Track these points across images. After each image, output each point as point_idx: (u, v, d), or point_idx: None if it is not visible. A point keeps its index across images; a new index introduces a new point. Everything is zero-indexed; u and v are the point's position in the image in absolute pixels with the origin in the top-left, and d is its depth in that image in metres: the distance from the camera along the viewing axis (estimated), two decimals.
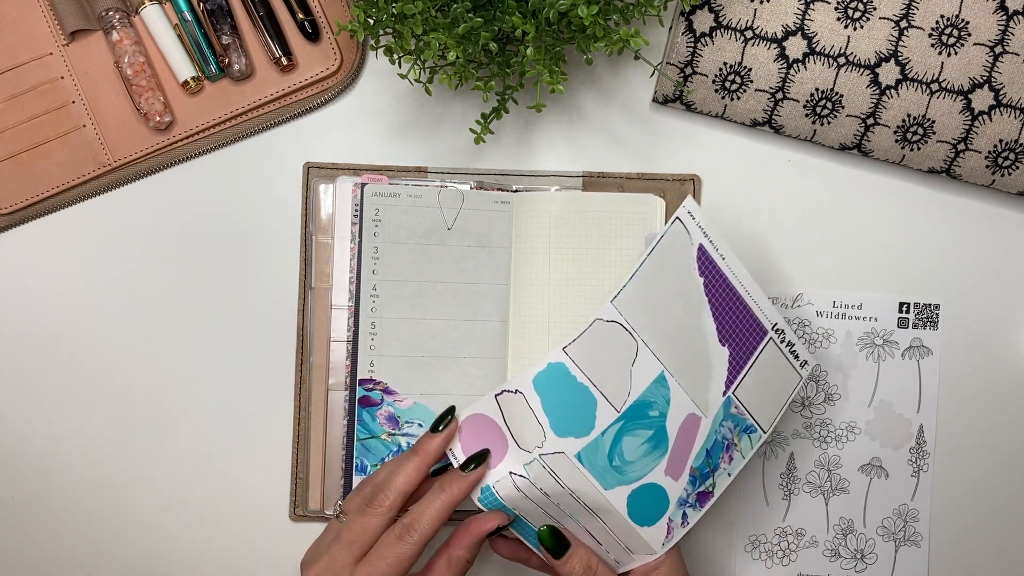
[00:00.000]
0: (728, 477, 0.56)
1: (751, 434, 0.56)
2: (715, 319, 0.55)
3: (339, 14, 0.62)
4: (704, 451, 0.55)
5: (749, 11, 0.59)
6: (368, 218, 0.61)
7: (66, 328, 0.63)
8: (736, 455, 0.56)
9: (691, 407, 0.54)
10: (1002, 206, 0.64)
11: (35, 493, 0.63)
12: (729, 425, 0.55)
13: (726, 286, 0.55)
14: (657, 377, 0.54)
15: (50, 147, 0.62)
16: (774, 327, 0.56)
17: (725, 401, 0.55)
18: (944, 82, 0.59)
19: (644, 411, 0.53)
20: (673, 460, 0.54)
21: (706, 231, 0.55)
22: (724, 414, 0.55)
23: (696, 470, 0.54)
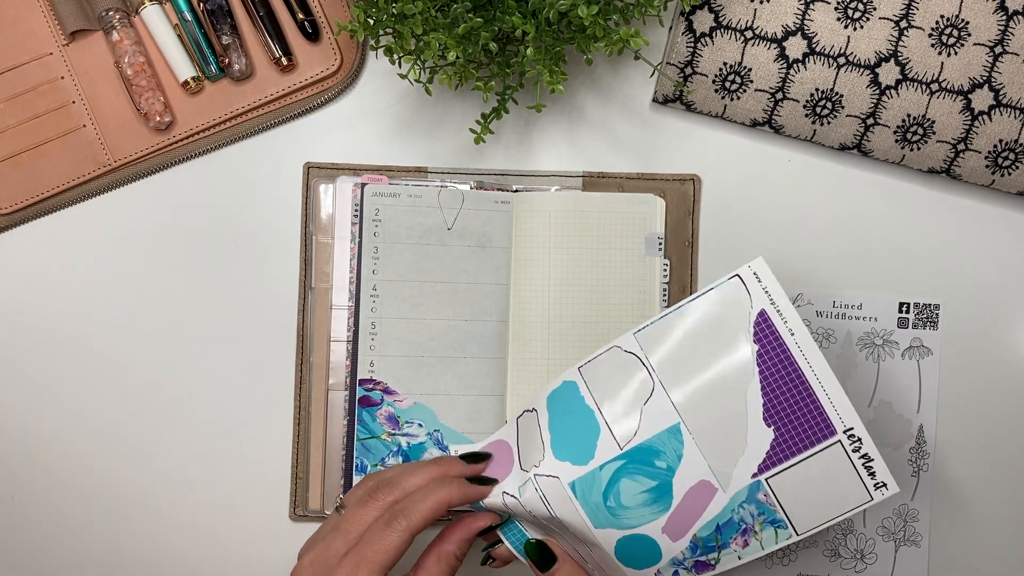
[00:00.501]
0: (738, 560, 0.51)
1: (778, 528, 0.51)
2: (764, 395, 0.50)
3: (339, 14, 0.62)
4: (714, 524, 0.51)
5: (749, 11, 0.59)
6: (368, 218, 0.61)
7: (66, 328, 0.63)
8: (753, 542, 0.51)
9: (706, 473, 0.50)
10: (1002, 206, 0.64)
11: (35, 493, 0.63)
12: (751, 510, 0.50)
13: (788, 365, 0.50)
14: (671, 427, 0.51)
15: (50, 147, 0.62)
16: (847, 431, 0.50)
17: (753, 484, 0.50)
18: (944, 82, 0.59)
19: (650, 458, 0.51)
20: (674, 521, 0.51)
21: (774, 298, 0.50)
22: (748, 496, 0.50)
23: (700, 540, 0.51)
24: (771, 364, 0.50)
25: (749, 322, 0.50)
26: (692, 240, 0.63)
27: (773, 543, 0.51)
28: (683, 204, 0.63)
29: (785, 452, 0.50)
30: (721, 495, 0.50)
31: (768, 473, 0.50)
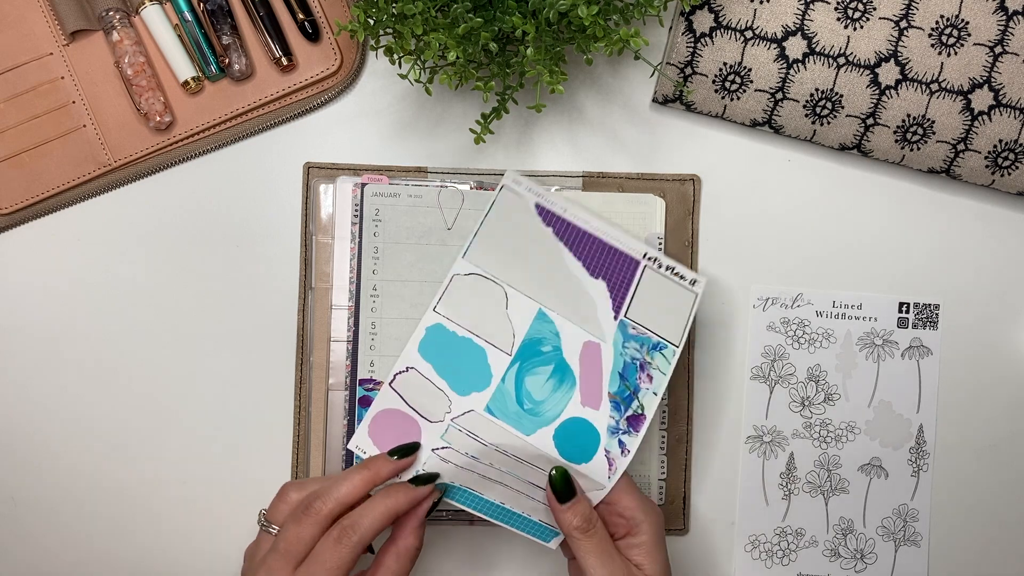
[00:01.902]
0: (655, 396, 0.55)
1: (663, 350, 0.56)
2: (579, 258, 0.57)
3: (339, 14, 0.62)
4: (616, 375, 0.55)
5: (749, 11, 0.59)
6: (368, 218, 0.61)
7: (66, 328, 0.63)
8: (656, 373, 0.56)
9: (585, 335, 0.56)
10: (1002, 206, 0.64)
11: (35, 493, 0.63)
12: (634, 345, 0.56)
13: (577, 231, 0.58)
14: (537, 314, 0.56)
15: (50, 147, 0.62)
16: (645, 255, 0.58)
17: (620, 324, 0.56)
18: (944, 82, 0.59)
19: (536, 348, 0.55)
20: (586, 389, 0.55)
21: (538, 193, 0.58)
22: (624, 336, 0.56)
23: (616, 395, 0.55)
24: (567, 235, 0.58)
25: (533, 214, 0.58)
26: (692, 240, 0.63)
27: (667, 364, 0.56)
28: (683, 204, 0.63)
29: (621, 290, 0.57)
30: (605, 347, 0.56)
31: (623, 310, 0.57)
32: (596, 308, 0.56)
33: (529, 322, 0.55)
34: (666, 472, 0.62)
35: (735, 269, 0.63)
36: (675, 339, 0.57)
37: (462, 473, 0.54)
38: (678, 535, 0.63)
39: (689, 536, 0.63)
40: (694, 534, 0.63)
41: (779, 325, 0.63)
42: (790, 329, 0.63)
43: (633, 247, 0.58)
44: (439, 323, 0.55)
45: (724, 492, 0.63)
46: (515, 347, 0.55)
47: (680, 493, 0.62)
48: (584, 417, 0.55)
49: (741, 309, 0.63)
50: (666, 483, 0.62)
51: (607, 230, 0.58)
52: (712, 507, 0.63)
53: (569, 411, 0.55)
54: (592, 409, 0.55)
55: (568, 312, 0.56)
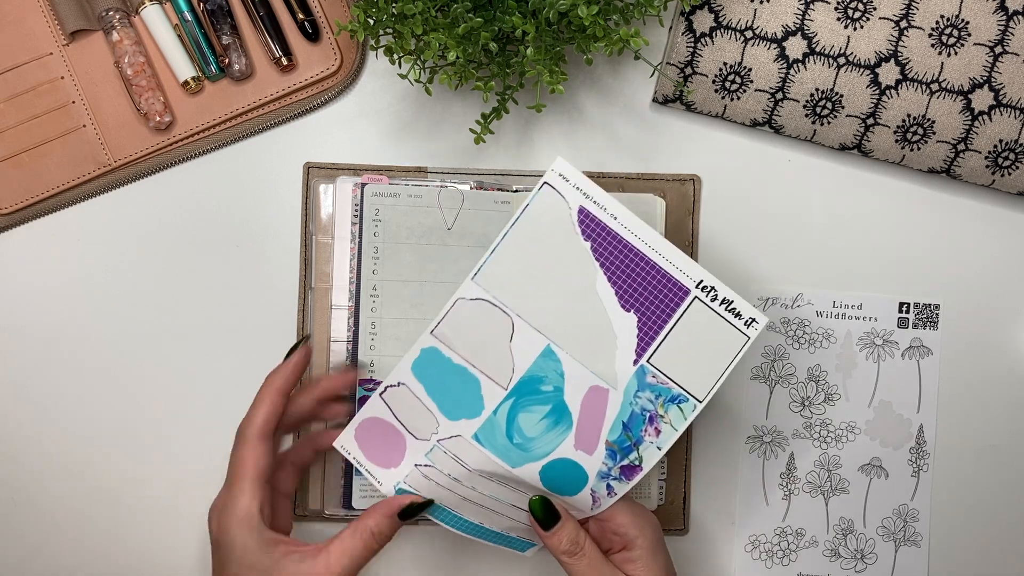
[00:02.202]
0: (658, 451, 0.52)
1: (681, 404, 0.51)
2: (613, 284, 0.51)
3: (339, 14, 0.62)
4: (620, 424, 0.52)
5: (749, 11, 0.59)
6: (368, 218, 0.61)
7: (66, 328, 0.63)
8: (665, 427, 0.51)
9: (592, 379, 0.51)
10: (1002, 206, 0.64)
11: (35, 493, 0.63)
12: (648, 396, 0.51)
13: (623, 247, 0.51)
14: (544, 351, 0.52)
15: (50, 147, 0.62)
16: (699, 285, 0.51)
17: (638, 371, 0.51)
18: (944, 82, 0.59)
19: (535, 386, 0.52)
20: (582, 434, 0.52)
21: (586, 191, 0.51)
22: (639, 384, 0.51)
23: (614, 444, 0.52)
24: (608, 253, 0.51)
25: (573, 223, 0.51)
26: (692, 240, 0.63)
27: (682, 420, 0.52)
28: (683, 204, 0.63)
29: (653, 328, 0.51)
30: (614, 394, 0.51)
31: (647, 354, 0.51)
32: (616, 348, 0.51)
33: (533, 358, 0.51)
34: (666, 472, 0.62)
35: (735, 269, 0.63)
36: (700, 392, 0.51)
37: (442, 492, 0.53)
38: (678, 535, 0.63)
39: (689, 536, 0.63)
40: (694, 534, 0.63)
41: (779, 325, 0.63)
42: (790, 329, 0.63)
43: (689, 271, 0.51)
44: (434, 347, 0.52)
45: (724, 492, 0.63)
46: (512, 382, 0.52)
47: (680, 493, 0.62)
48: (575, 460, 0.52)
49: None
50: (666, 483, 0.62)
51: (662, 248, 0.51)
52: (712, 507, 0.63)
53: (560, 452, 0.52)
54: (585, 454, 0.52)
55: (580, 351, 0.51)
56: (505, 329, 0.52)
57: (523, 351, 0.52)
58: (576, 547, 0.51)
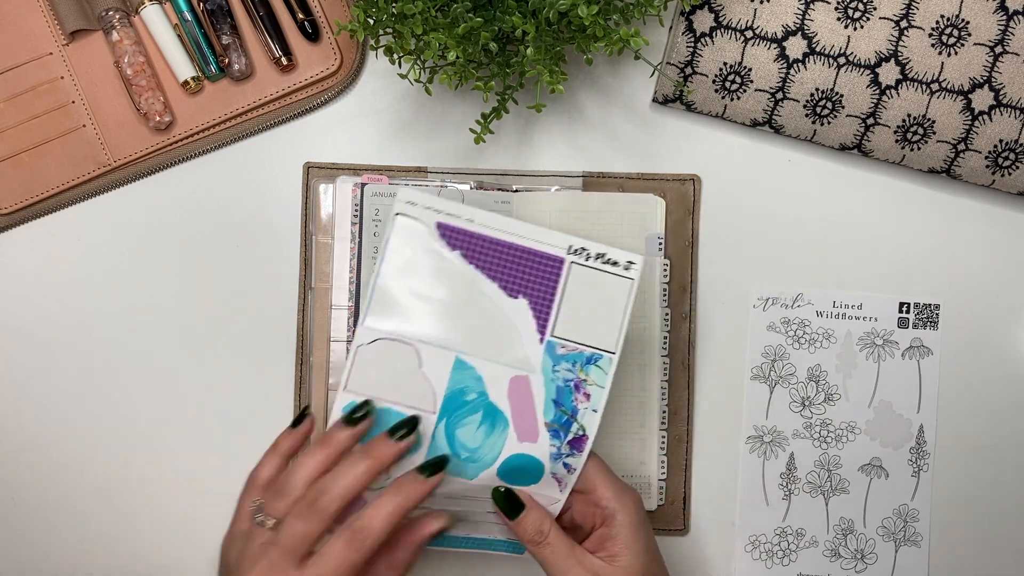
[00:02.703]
0: (595, 413, 0.52)
1: (598, 362, 0.52)
2: (494, 279, 0.52)
3: (339, 14, 0.62)
4: (551, 403, 0.52)
5: (749, 11, 0.59)
6: (368, 218, 0.61)
7: (66, 328, 0.63)
8: (592, 389, 0.52)
9: (510, 371, 0.52)
10: (1002, 206, 0.64)
11: (35, 493, 0.63)
12: (565, 367, 0.52)
13: (490, 243, 0.52)
14: (455, 364, 0.52)
15: (50, 147, 0.62)
16: (570, 250, 0.52)
17: (547, 348, 0.52)
18: (944, 82, 0.59)
19: (460, 399, 0.52)
20: (521, 426, 0.52)
21: (437, 208, 0.53)
22: (553, 360, 0.52)
23: (553, 423, 0.52)
24: (478, 254, 0.52)
25: (437, 239, 0.52)
26: (692, 240, 0.63)
27: (604, 376, 0.52)
28: (683, 204, 0.63)
29: (545, 305, 0.52)
30: (535, 377, 0.52)
31: (548, 330, 0.52)
32: (520, 334, 0.52)
33: (448, 375, 0.52)
34: (666, 472, 0.62)
35: (735, 269, 0.63)
36: (611, 345, 0.52)
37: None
38: (678, 535, 0.63)
39: (689, 536, 0.63)
40: (694, 534, 0.63)
41: (779, 325, 0.63)
42: (790, 329, 0.63)
43: (556, 243, 0.52)
44: (354, 400, 0.52)
45: (724, 492, 0.63)
46: (438, 404, 0.52)
47: (680, 493, 0.62)
48: (524, 452, 0.52)
49: (741, 309, 0.63)
50: (666, 483, 0.62)
51: (524, 231, 0.52)
52: (712, 507, 0.63)
53: (508, 450, 0.52)
54: (530, 443, 0.52)
55: (488, 350, 0.52)
56: (412, 359, 0.52)
57: (436, 372, 0.52)
58: (540, 535, 0.51)
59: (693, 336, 0.63)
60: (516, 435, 0.52)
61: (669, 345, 0.62)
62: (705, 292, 0.63)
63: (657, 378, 0.62)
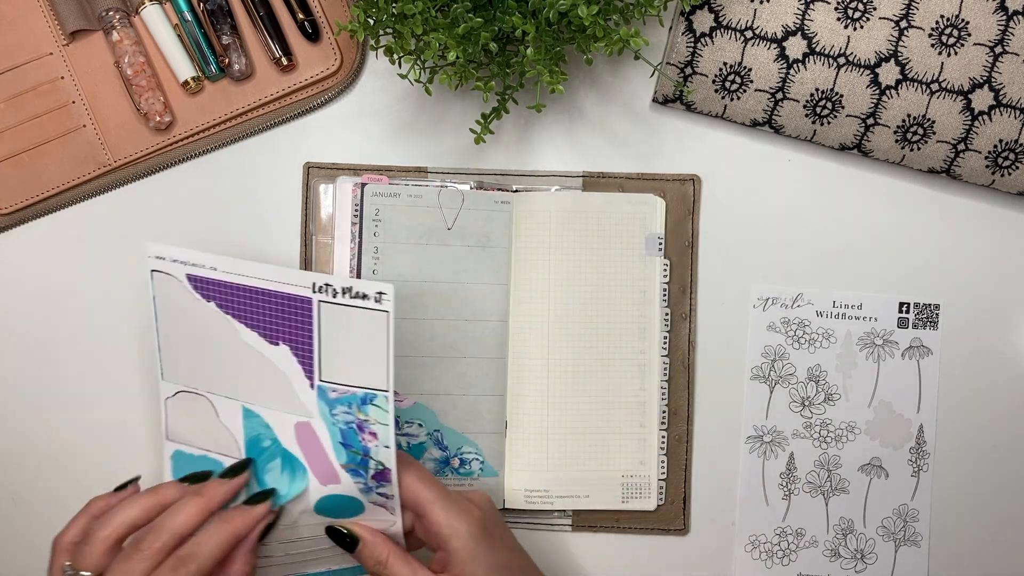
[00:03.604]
0: (387, 449, 0.50)
1: (372, 401, 0.49)
2: (252, 327, 0.50)
3: (339, 14, 0.62)
4: (340, 446, 0.50)
5: (749, 11, 0.59)
6: (368, 218, 0.61)
7: (66, 328, 0.63)
8: (378, 428, 0.50)
9: (292, 418, 0.51)
10: (1002, 206, 0.64)
11: (35, 493, 0.63)
12: (343, 409, 0.50)
13: (239, 291, 0.50)
14: (244, 413, 0.51)
15: (50, 147, 0.62)
16: (315, 288, 0.49)
17: (319, 393, 0.50)
18: (944, 82, 0.59)
19: (258, 446, 0.52)
20: (319, 471, 0.51)
21: (183, 259, 0.50)
22: (328, 403, 0.50)
23: (348, 465, 0.50)
24: (232, 303, 0.50)
25: (191, 292, 0.50)
26: (692, 240, 0.63)
27: (385, 413, 0.49)
28: (683, 204, 0.63)
29: (305, 349, 0.50)
30: (316, 422, 0.50)
31: (316, 374, 0.50)
32: (290, 382, 0.50)
33: (241, 423, 0.51)
34: (666, 472, 0.62)
35: (735, 269, 0.63)
36: (381, 383, 0.49)
37: (268, 571, 0.52)
38: (678, 535, 0.63)
39: (689, 536, 0.63)
40: (694, 534, 0.63)
41: (779, 325, 0.63)
42: (790, 329, 0.63)
43: (301, 282, 0.49)
44: (177, 450, 0.52)
45: (724, 492, 0.63)
46: (242, 450, 0.52)
47: (680, 493, 0.62)
48: (331, 494, 0.51)
49: (741, 309, 0.63)
50: (666, 483, 0.62)
51: (267, 273, 0.49)
52: (712, 507, 0.63)
53: (315, 493, 0.51)
54: (335, 485, 0.51)
55: (267, 399, 0.51)
56: (208, 409, 0.52)
57: (232, 421, 0.52)
58: (380, 566, 0.50)
59: (693, 336, 0.63)
60: (317, 480, 0.51)
61: (669, 345, 0.62)
62: (705, 292, 0.63)
63: (657, 378, 0.62)
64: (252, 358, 0.50)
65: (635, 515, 0.62)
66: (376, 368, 0.49)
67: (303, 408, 0.50)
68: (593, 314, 0.62)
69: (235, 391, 0.51)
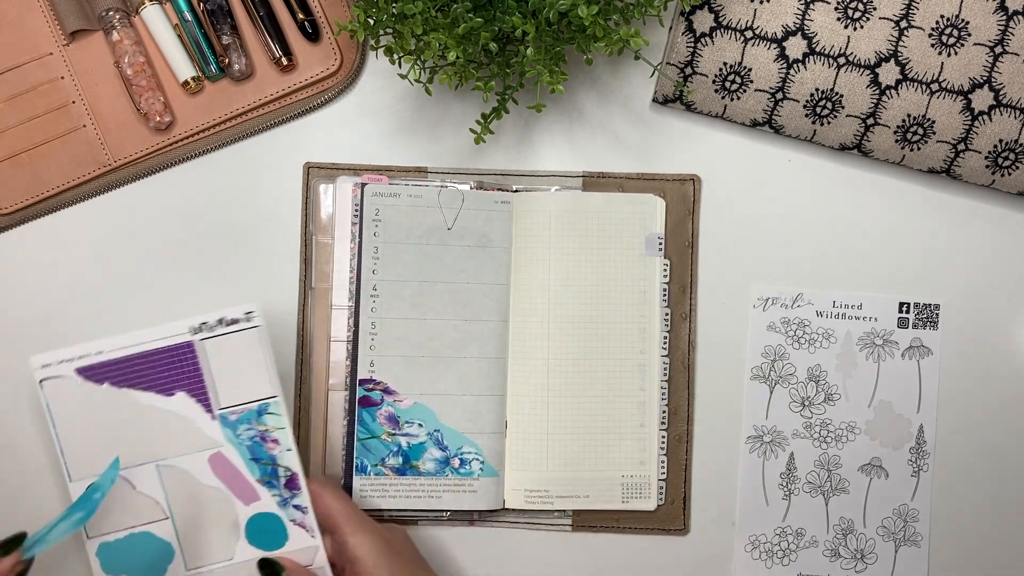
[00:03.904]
0: (290, 452, 0.55)
1: (268, 411, 0.55)
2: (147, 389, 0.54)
3: (339, 14, 0.62)
4: (252, 463, 0.55)
5: (749, 11, 0.59)
6: (368, 218, 0.61)
7: (66, 328, 0.63)
8: (278, 434, 0.55)
9: (204, 454, 0.55)
10: (1002, 206, 0.64)
11: (35, 493, 0.63)
12: (244, 428, 0.55)
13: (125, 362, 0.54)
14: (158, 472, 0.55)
15: (50, 147, 0.62)
16: (192, 330, 0.54)
17: (221, 421, 0.54)
18: (944, 82, 0.59)
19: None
20: (240, 492, 0.55)
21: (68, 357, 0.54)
22: (231, 427, 0.55)
23: (263, 478, 0.55)
24: (123, 376, 0.54)
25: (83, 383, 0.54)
26: (692, 240, 0.63)
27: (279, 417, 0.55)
28: (683, 204, 0.63)
29: (199, 387, 0.54)
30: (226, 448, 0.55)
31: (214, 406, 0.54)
32: (193, 422, 0.54)
33: (159, 484, 0.55)
34: (666, 472, 0.62)
35: (735, 269, 0.63)
36: (268, 391, 0.54)
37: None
38: (678, 535, 0.63)
39: (689, 536, 0.63)
40: (694, 534, 0.63)
41: (779, 325, 0.63)
42: (790, 329, 0.63)
43: (177, 331, 0.54)
44: (101, 543, 0.54)
45: (724, 492, 0.63)
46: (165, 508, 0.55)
47: (680, 493, 0.62)
48: (253, 513, 0.55)
49: (741, 309, 0.63)
50: (666, 483, 0.62)
51: (146, 336, 0.54)
52: (712, 507, 0.63)
53: (241, 514, 0.55)
54: (256, 502, 0.55)
55: (176, 448, 0.55)
56: (124, 487, 0.54)
57: (149, 486, 0.55)
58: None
59: (693, 336, 0.63)
60: (241, 501, 0.55)
61: (669, 345, 0.62)
62: (705, 292, 0.63)
63: (657, 378, 0.62)
64: (154, 416, 0.54)
65: (635, 515, 0.62)
66: (261, 380, 0.54)
67: (211, 441, 0.55)
68: (593, 314, 0.62)
69: (145, 455, 0.54)
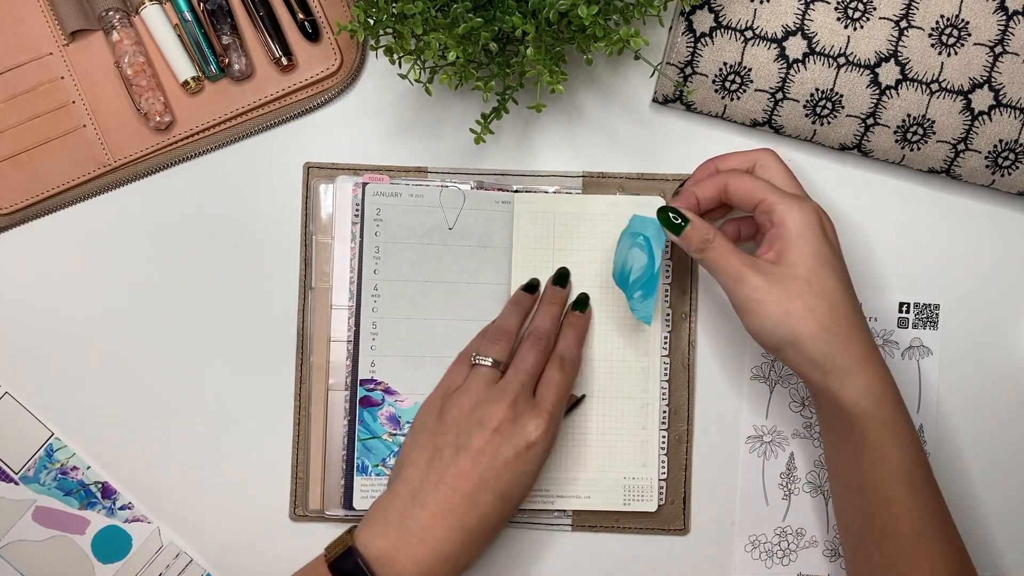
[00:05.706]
0: (90, 468, 0.59)
1: (55, 451, 0.62)
2: None
3: (339, 14, 0.62)
4: (67, 498, 0.59)
5: (749, 11, 0.59)
6: (369, 218, 0.61)
7: (66, 328, 0.63)
8: (74, 462, 0.61)
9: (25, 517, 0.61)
10: (1002, 206, 0.64)
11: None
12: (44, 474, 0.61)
13: None
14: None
15: (50, 147, 0.62)
16: None
17: (23, 481, 0.61)
18: (944, 82, 0.59)
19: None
20: (71, 528, 0.60)
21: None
22: (35, 482, 0.61)
23: (83, 504, 0.60)
24: None
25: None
26: None
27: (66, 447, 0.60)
28: None
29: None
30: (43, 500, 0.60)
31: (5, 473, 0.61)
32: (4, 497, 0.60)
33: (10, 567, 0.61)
34: (666, 472, 0.62)
35: None
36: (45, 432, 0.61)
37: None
38: (678, 535, 0.63)
39: (689, 536, 0.63)
40: (694, 534, 0.63)
41: None
42: None
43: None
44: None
45: (724, 492, 0.63)
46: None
47: (680, 493, 0.62)
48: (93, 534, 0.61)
49: None
50: (666, 483, 0.62)
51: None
52: (712, 507, 0.63)
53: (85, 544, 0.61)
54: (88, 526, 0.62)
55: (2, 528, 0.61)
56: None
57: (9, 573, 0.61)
58: (706, 243, 0.54)
59: (693, 336, 0.63)
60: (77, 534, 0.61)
61: (669, 345, 0.62)
62: (705, 292, 0.63)
63: (657, 378, 0.62)
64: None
65: (635, 515, 0.62)
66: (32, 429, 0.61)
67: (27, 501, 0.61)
68: (594, 314, 0.62)
69: None
